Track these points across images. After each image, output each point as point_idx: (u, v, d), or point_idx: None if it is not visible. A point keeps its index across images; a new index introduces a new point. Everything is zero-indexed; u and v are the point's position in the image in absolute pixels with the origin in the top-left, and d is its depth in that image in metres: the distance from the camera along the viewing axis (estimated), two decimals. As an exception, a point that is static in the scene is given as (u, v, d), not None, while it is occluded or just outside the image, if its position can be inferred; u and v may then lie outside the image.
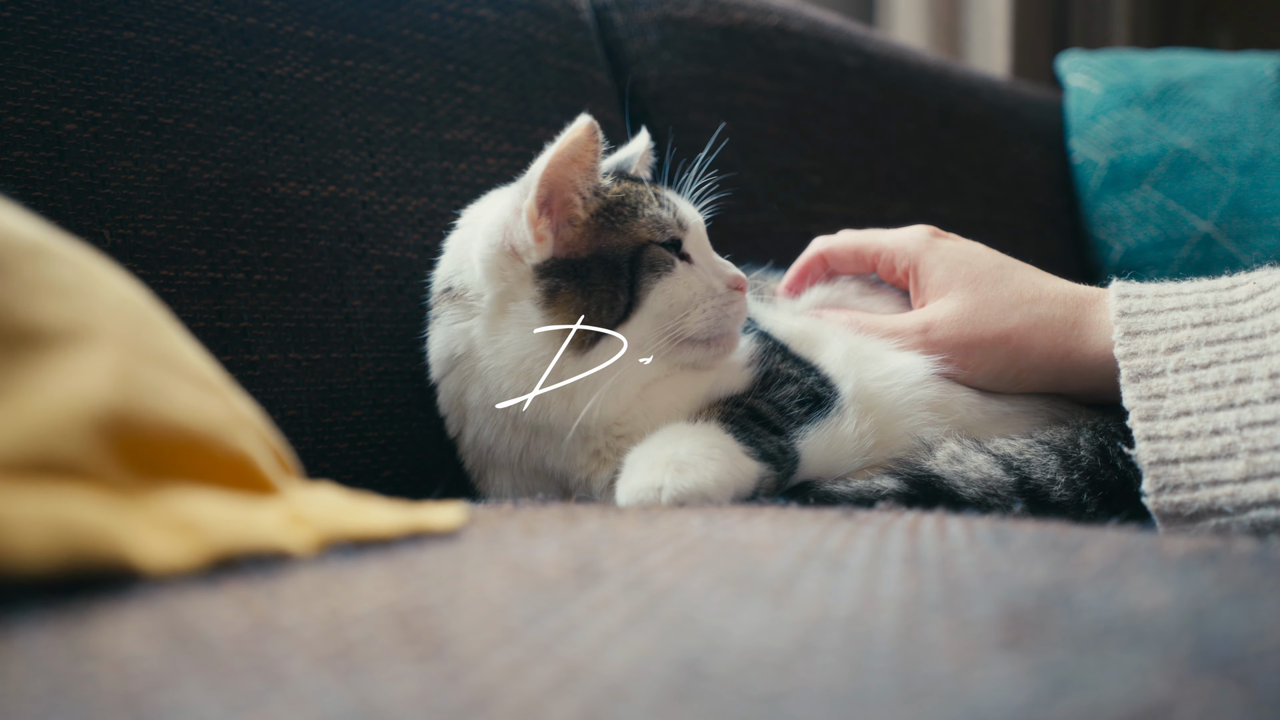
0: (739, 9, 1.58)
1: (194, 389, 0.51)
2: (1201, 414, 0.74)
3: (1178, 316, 0.80)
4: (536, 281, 0.85)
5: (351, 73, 1.11)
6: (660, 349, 0.86)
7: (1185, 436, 0.73)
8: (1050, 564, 0.48)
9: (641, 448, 0.82)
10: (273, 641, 0.36)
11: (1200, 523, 0.71)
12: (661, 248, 0.87)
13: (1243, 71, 1.90)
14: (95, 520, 0.40)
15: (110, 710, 0.31)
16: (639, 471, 0.78)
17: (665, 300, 0.86)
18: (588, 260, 0.85)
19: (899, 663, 0.34)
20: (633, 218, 0.87)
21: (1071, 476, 0.84)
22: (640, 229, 0.87)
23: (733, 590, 0.43)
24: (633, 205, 0.88)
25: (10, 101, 0.88)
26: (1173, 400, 0.75)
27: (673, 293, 0.86)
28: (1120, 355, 0.80)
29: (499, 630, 0.38)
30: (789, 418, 0.88)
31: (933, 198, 1.72)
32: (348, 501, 0.58)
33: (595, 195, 0.87)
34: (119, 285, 0.53)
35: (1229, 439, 0.72)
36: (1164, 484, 0.72)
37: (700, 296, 0.87)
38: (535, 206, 0.84)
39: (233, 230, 0.98)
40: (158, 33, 0.98)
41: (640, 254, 0.86)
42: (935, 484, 0.83)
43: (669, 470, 0.77)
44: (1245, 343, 0.76)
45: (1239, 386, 0.74)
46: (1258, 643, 0.35)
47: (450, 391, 0.92)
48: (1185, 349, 0.77)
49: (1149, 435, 0.75)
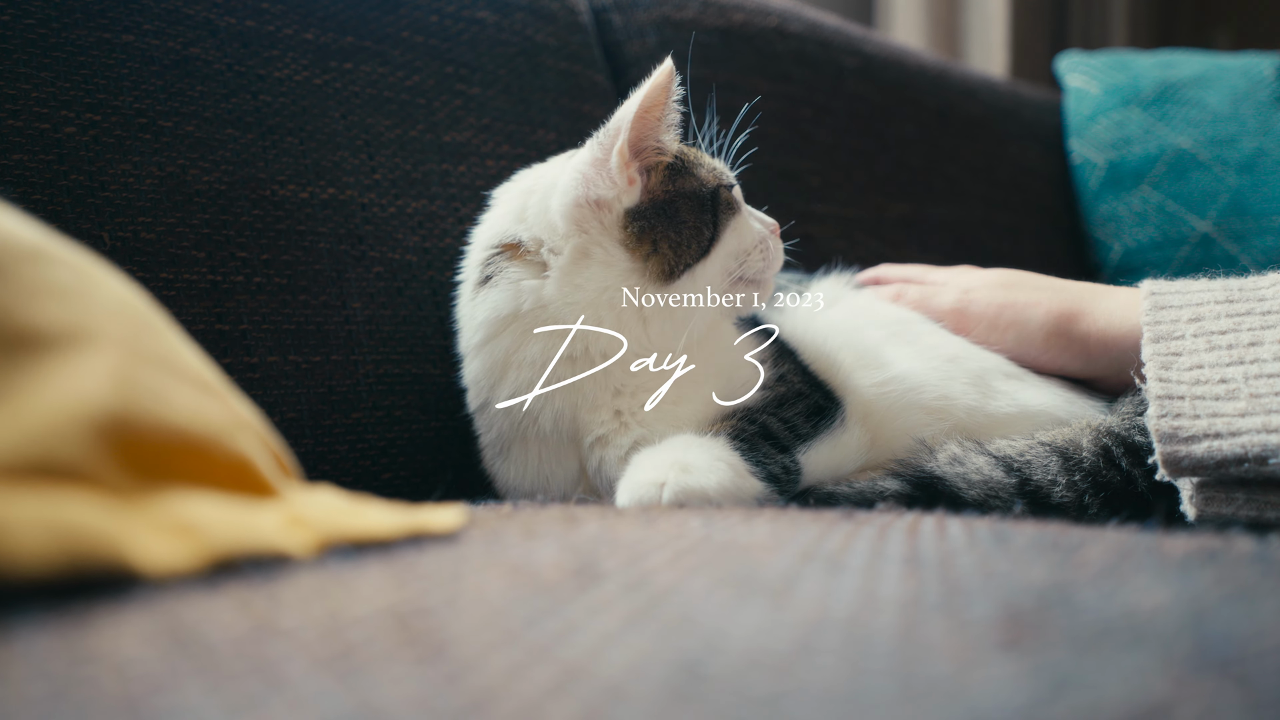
0: (738, 10, 1.58)
1: (193, 392, 0.51)
2: (1213, 368, 0.79)
3: (1203, 295, 0.85)
4: (626, 226, 0.89)
5: (350, 75, 1.11)
6: (721, 286, 0.92)
7: (1194, 382, 0.78)
8: (1050, 564, 0.48)
9: (649, 450, 0.83)
10: (272, 644, 0.36)
11: (1194, 445, 0.74)
12: (729, 191, 0.94)
13: (1241, 72, 1.90)
14: (94, 523, 0.40)
15: (110, 713, 0.31)
16: (644, 469, 0.80)
17: (736, 239, 0.92)
18: (674, 201, 0.90)
19: (899, 663, 0.34)
20: (699, 166, 0.94)
21: (1073, 478, 0.84)
22: (709, 175, 0.94)
23: (732, 591, 0.43)
24: (694, 156, 0.95)
25: (10, 104, 0.88)
26: (1188, 357, 0.80)
27: (742, 232, 0.93)
28: (1145, 323, 0.85)
29: (499, 632, 0.38)
30: (798, 435, 0.90)
31: (932, 198, 1.72)
32: (347, 504, 0.58)
33: (671, 142, 0.93)
34: (118, 288, 0.53)
35: (1234, 385, 0.77)
36: (1167, 412, 0.76)
37: (759, 236, 0.95)
38: (628, 150, 0.88)
39: (232, 233, 0.98)
40: (157, 36, 0.98)
41: (717, 195, 0.93)
42: (937, 485, 0.84)
43: (674, 469, 0.78)
44: (1263, 316, 0.81)
45: (1251, 349, 0.79)
46: (1257, 643, 0.35)
47: (496, 354, 0.91)
48: (1205, 319, 0.83)
49: (1161, 379, 0.79)
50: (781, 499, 0.82)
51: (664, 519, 0.63)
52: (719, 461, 0.80)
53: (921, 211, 1.69)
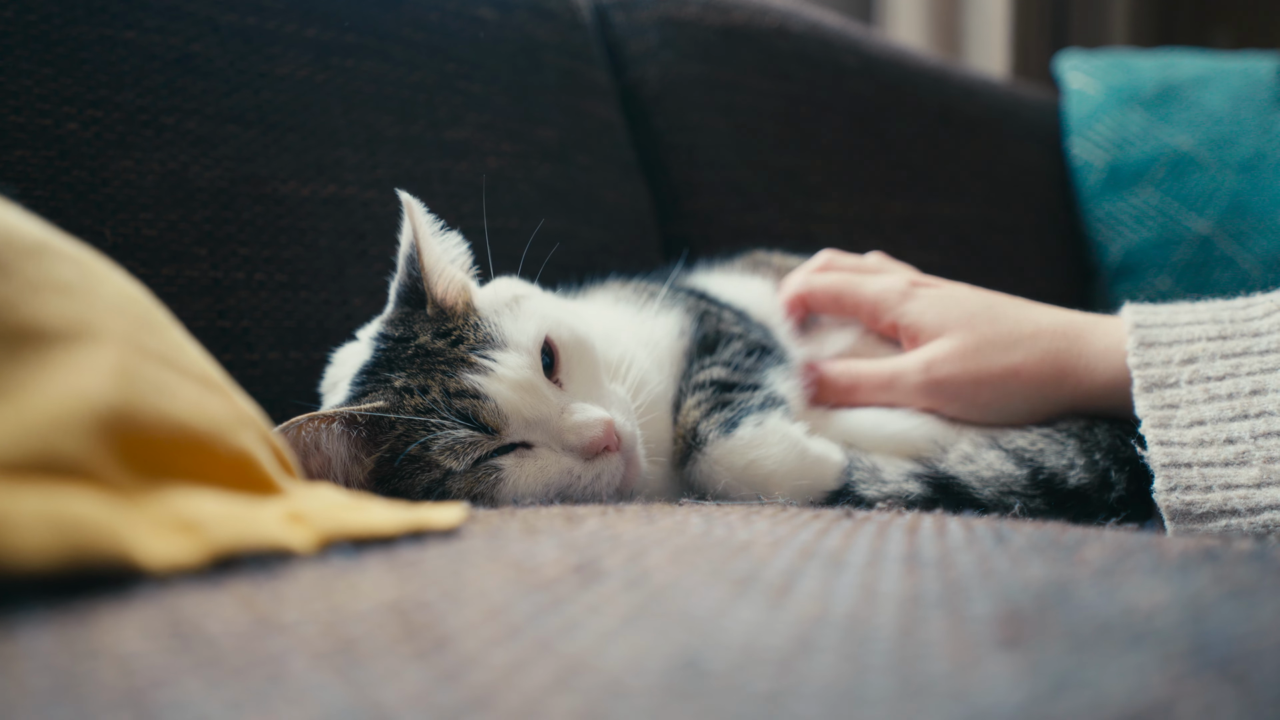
0: (739, 9, 1.58)
1: (195, 387, 0.51)
2: (1215, 423, 0.74)
3: (1193, 330, 0.80)
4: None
5: (352, 72, 1.11)
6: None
7: (1199, 444, 0.73)
8: (1049, 563, 0.48)
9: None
10: (274, 639, 0.36)
11: (1210, 523, 0.70)
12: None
13: (1241, 73, 1.90)
14: (97, 518, 0.40)
15: (112, 707, 0.31)
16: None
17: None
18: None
19: (898, 661, 0.34)
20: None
21: (1093, 457, 0.82)
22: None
23: (732, 588, 0.43)
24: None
25: (12, 100, 0.88)
26: (1186, 410, 0.75)
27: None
28: (1134, 365, 0.79)
29: (500, 627, 0.38)
30: (748, 370, 0.89)
31: (932, 198, 1.73)
32: (348, 500, 0.58)
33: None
34: (120, 284, 0.53)
35: (1243, 447, 0.71)
36: (1175, 484, 0.72)
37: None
38: None
39: (234, 229, 0.98)
40: (159, 32, 0.98)
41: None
42: (952, 485, 0.83)
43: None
44: (1261, 357, 0.76)
45: (1254, 398, 0.73)
46: (1256, 642, 0.35)
47: None
48: (1200, 361, 0.77)
49: (1161, 441, 0.74)
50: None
51: (664, 516, 0.63)
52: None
53: (921, 210, 1.70)
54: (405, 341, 0.80)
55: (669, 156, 1.48)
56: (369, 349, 0.82)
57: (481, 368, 0.77)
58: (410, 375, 0.77)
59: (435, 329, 0.80)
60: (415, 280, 0.83)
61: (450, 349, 0.78)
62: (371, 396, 0.78)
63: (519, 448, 0.77)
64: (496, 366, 0.77)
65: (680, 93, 1.49)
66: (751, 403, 0.85)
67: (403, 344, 0.80)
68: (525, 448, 0.77)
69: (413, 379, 0.77)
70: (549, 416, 0.77)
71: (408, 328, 0.81)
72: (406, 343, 0.79)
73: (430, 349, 0.78)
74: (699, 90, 1.51)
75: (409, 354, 0.78)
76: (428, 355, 0.78)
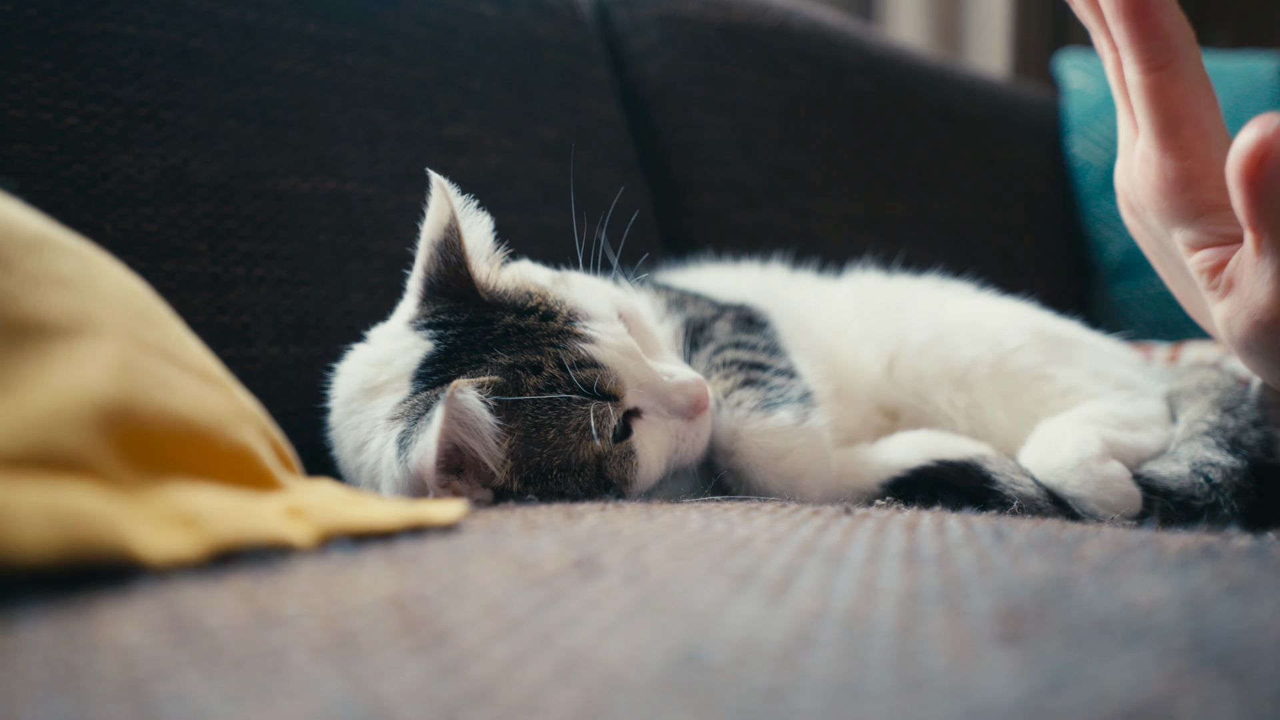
0: (740, 7, 1.58)
1: (195, 382, 0.51)
2: None
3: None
4: None
5: (352, 68, 1.11)
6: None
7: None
8: (1048, 559, 0.48)
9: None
10: (274, 632, 0.36)
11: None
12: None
13: (1242, 74, 1.90)
14: (97, 511, 0.40)
15: (112, 699, 0.31)
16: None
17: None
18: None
19: (897, 656, 0.34)
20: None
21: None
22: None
23: (732, 583, 0.43)
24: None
25: (12, 95, 0.88)
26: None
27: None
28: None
29: (499, 622, 0.38)
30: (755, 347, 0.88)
31: (932, 196, 1.73)
32: (349, 495, 0.58)
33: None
34: (120, 279, 0.53)
35: None
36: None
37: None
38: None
39: (233, 225, 0.98)
40: (159, 27, 0.98)
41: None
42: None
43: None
44: None
45: None
46: (1255, 638, 0.35)
47: None
48: None
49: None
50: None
51: (663, 513, 0.64)
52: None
53: (921, 209, 1.70)
54: (484, 325, 0.75)
55: (669, 154, 1.48)
56: (425, 341, 0.76)
57: (588, 337, 0.74)
58: (513, 353, 0.73)
59: (515, 307, 0.76)
60: (456, 267, 0.77)
61: (545, 323, 0.75)
62: (474, 375, 0.72)
63: (632, 417, 0.76)
64: (601, 335, 0.75)
65: (681, 90, 1.49)
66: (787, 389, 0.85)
67: (480, 327, 0.75)
68: (636, 416, 0.76)
69: (518, 356, 0.72)
70: (654, 379, 0.76)
71: (473, 313, 0.76)
72: (487, 325, 0.75)
73: (523, 326, 0.74)
74: (699, 87, 1.51)
75: (498, 334, 0.74)
76: (524, 332, 0.74)
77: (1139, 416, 0.88)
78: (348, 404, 0.79)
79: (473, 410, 0.69)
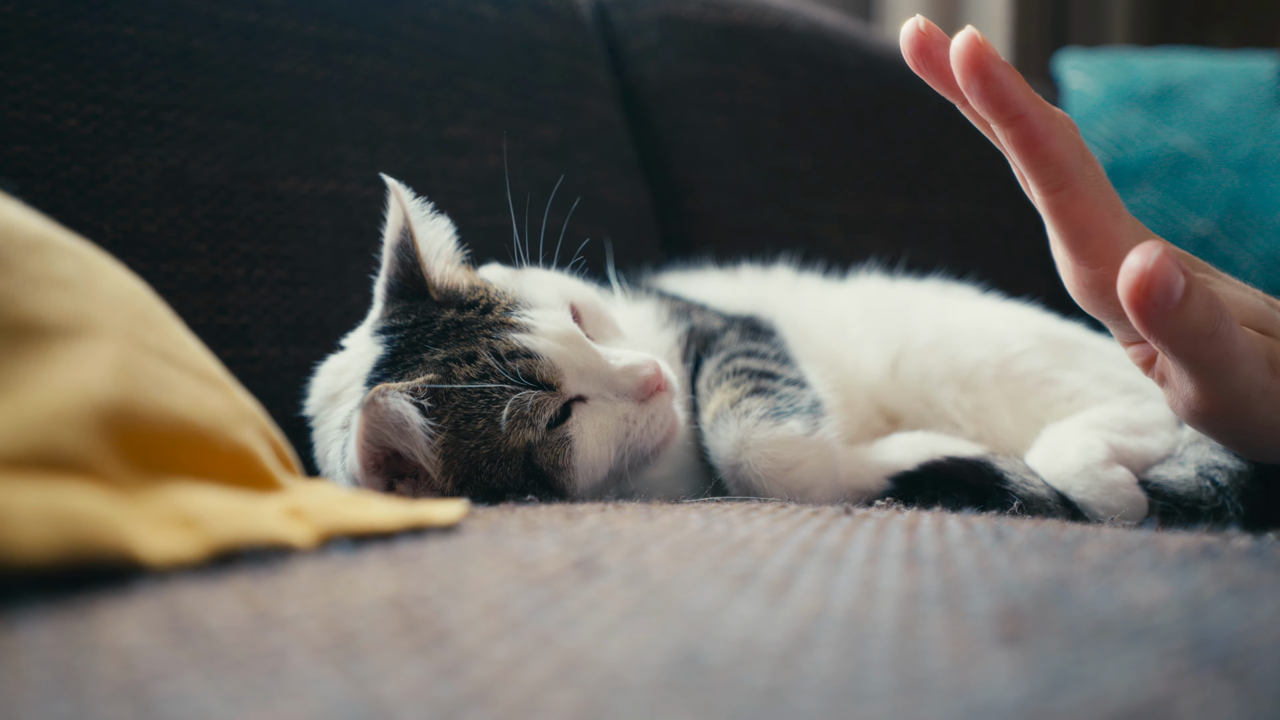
0: (740, 7, 1.58)
1: (195, 383, 0.51)
2: None
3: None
4: None
5: (352, 69, 1.11)
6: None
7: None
8: (1048, 560, 0.48)
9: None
10: (274, 633, 0.36)
11: None
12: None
13: (1241, 73, 1.90)
14: (97, 513, 0.40)
15: (112, 699, 0.31)
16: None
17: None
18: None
19: (897, 656, 0.34)
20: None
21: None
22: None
23: (732, 584, 0.43)
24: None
25: (12, 96, 0.88)
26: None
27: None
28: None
29: (499, 622, 0.38)
30: (766, 357, 0.88)
31: (931, 197, 1.72)
32: (349, 495, 0.58)
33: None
34: (120, 279, 0.53)
35: None
36: None
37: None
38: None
39: (233, 226, 0.98)
40: (159, 28, 0.98)
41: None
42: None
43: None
44: None
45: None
46: (1255, 638, 0.35)
47: None
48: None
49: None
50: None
51: (663, 513, 0.64)
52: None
53: (921, 209, 1.70)
54: (426, 323, 0.76)
55: (669, 155, 1.48)
56: (378, 345, 0.78)
57: (523, 326, 0.74)
58: (449, 348, 0.73)
59: (458, 303, 0.76)
60: (410, 268, 0.79)
61: (482, 316, 0.75)
62: (410, 376, 0.73)
63: (575, 403, 0.75)
64: (538, 322, 0.75)
65: (680, 91, 1.49)
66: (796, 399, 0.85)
67: (423, 326, 0.76)
68: (580, 402, 0.76)
69: (453, 349, 0.73)
70: (598, 364, 0.76)
71: (420, 314, 0.77)
72: (429, 323, 0.76)
73: (461, 320, 0.75)
74: (699, 88, 1.51)
75: (438, 331, 0.75)
76: (461, 326, 0.74)
77: (1145, 421, 0.88)
78: (318, 413, 0.81)
79: (397, 413, 0.69)
